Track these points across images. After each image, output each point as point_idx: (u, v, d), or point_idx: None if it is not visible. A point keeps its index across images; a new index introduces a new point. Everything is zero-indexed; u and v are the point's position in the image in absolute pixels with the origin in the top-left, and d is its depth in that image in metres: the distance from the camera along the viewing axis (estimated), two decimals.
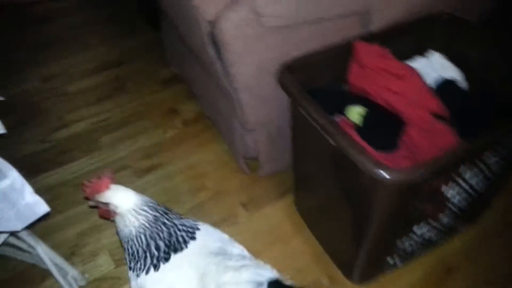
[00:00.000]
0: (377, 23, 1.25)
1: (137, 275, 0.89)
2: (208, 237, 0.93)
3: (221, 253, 0.90)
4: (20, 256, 1.25)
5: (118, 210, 0.91)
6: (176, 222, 0.93)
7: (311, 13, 1.15)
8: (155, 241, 0.88)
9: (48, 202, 1.55)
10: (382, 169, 0.84)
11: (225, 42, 1.15)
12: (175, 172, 1.66)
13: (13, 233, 0.84)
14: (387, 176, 0.85)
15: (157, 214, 0.91)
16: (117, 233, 0.95)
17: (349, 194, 1.06)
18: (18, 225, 0.80)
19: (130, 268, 0.92)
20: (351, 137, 0.92)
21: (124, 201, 0.91)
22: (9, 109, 1.93)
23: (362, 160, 0.87)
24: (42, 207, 0.81)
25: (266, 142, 1.46)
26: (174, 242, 0.89)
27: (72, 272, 1.25)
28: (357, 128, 1.03)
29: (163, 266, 0.87)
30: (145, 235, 0.88)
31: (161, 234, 0.89)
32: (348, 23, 1.25)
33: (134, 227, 0.89)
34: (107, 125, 1.86)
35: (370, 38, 1.20)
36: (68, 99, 1.99)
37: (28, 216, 0.80)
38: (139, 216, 0.90)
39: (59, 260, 1.20)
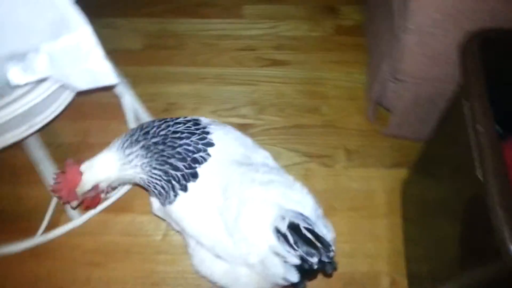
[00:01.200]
0: None
1: (164, 204, 0.80)
2: (227, 141, 0.80)
3: (245, 162, 0.78)
4: None
5: (110, 181, 0.79)
6: (171, 129, 0.78)
7: None
8: (168, 163, 0.75)
9: (170, 49, 1.56)
10: None
11: None
12: (297, 79, 1.47)
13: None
14: None
15: (144, 143, 0.76)
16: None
17: (468, 230, 0.79)
18: (79, 86, 0.74)
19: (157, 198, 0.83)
20: (508, 182, 0.62)
21: (107, 169, 0.77)
22: None
23: (501, 226, 0.59)
24: (109, 78, 0.71)
25: (408, 101, 1.18)
26: (186, 153, 0.75)
27: None
28: None
29: (191, 185, 0.76)
30: (155, 168, 0.76)
31: (165, 153, 0.75)
32: None
33: (138, 173, 0.77)
34: None
35: None
36: None
37: (91, 81, 0.72)
38: (132, 163, 0.76)
39: (144, 115, 1.17)
